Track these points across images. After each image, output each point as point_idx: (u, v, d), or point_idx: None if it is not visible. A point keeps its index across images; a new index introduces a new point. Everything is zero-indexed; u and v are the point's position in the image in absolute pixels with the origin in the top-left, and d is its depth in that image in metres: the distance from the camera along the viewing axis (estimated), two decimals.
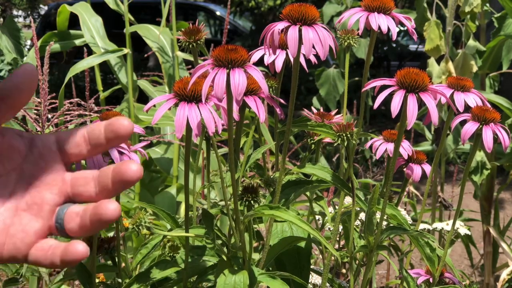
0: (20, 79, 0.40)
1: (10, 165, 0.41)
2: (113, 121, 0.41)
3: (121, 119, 0.41)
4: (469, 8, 1.62)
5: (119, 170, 0.40)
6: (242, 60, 0.56)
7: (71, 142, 0.42)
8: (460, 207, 0.79)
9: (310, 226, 0.63)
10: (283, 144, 0.70)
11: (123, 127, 0.41)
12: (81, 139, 0.42)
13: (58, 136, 0.43)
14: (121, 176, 0.40)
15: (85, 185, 0.42)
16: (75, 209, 0.41)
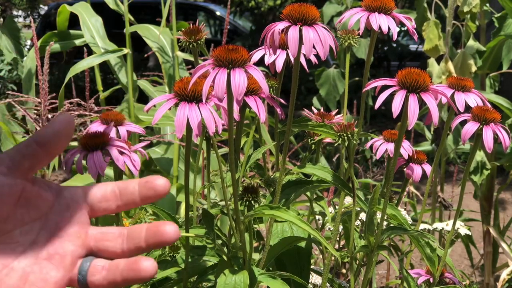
0: (59, 126, 0.40)
1: (36, 214, 0.41)
2: (150, 180, 0.42)
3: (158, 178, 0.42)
4: (467, 8, 1.62)
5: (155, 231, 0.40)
6: (243, 60, 0.56)
7: (100, 197, 0.43)
8: (460, 207, 0.79)
9: (310, 226, 0.63)
10: (283, 144, 0.70)
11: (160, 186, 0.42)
12: (111, 195, 0.43)
13: (86, 190, 0.43)
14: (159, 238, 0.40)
15: (112, 240, 0.42)
16: (99, 263, 0.42)
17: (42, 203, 0.42)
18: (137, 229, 0.42)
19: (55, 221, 0.42)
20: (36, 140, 0.40)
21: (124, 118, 0.74)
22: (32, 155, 0.40)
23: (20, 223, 0.41)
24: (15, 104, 1.23)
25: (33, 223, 0.41)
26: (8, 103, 1.30)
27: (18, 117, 1.73)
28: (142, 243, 0.41)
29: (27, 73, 1.80)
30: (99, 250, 0.42)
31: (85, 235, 0.42)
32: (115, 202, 0.43)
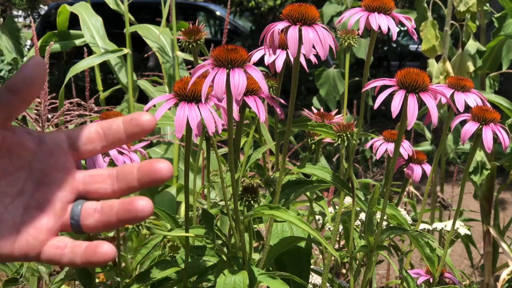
0: (30, 71, 0.40)
1: (19, 163, 0.41)
2: (135, 116, 0.41)
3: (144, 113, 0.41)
4: (464, 7, 1.62)
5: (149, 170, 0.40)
6: (242, 60, 0.56)
7: (84, 139, 0.42)
8: (460, 207, 0.79)
9: (310, 227, 0.63)
10: (283, 144, 0.70)
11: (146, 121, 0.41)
12: (95, 135, 0.42)
13: (69, 134, 0.42)
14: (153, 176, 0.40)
15: (102, 182, 0.41)
16: (91, 205, 0.41)
17: (25, 152, 0.41)
18: (127, 169, 0.41)
19: (40, 168, 0.41)
20: (9, 88, 0.39)
21: None
22: (6, 104, 0.39)
23: (4, 173, 0.41)
24: None
25: (18, 173, 0.41)
26: None
27: (18, 117, 1.73)
28: (135, 182, 0.40)
29: None
30: (89, 193, 0.42)
31: (73, 180, 0.42)
32: (100, 142, 0.42)
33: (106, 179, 0.41)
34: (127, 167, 0.41)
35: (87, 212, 0.41)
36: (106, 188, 0.41)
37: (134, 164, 0.41)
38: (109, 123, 0.42)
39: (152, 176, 0.40)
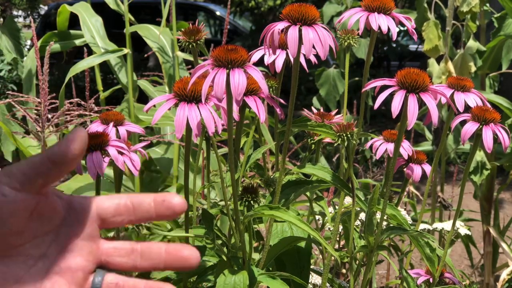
0: (74, 145, 0.40)
1: (48, 227, 0.41)
2: (167, 199, 0.41)
3: (174, 197, 0.41)
4: (467, 8, 1.62)
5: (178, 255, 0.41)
6: (242, 60, 0.56)
7: (113, 211, 0.42)
8: (460, 207, 0.79)
9: (309, 227, 0.63)
10: (283, 144, 0.70)
11: (178, 206, 0.41)
12: (124, 209, 0.42)
13: (98, 203, 0.42)
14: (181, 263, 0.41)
15: (125, 256, 0.42)
16: (113, 280, 0.42)
17: (55, 216, 0.41)
18: (155, 250, 0.41)
19: (66, 234, 0.42)
20: (51, 159, 0.39)
21: (124, 118, 0.74)
22: (46, 173, 0.39)
23: (33, 236, 0.41)
24: (15, 104, 1.23)
25: (45, 236, 0.41)
26: (8, 103, 1.30)
27: (18, 117, 1.73)
28: (161, 264, 0.41)
29: (27, 73, 1.80)
30: (110, 264, 0.42)
31: (97, 249, 0.42)
32: (128, 217, 0.42)
33: (129, 254, 0.42)
34: (154, 247, 0.41)
35: (108, 286, 0.41)
36: (128, 263, 0.42)
37: (161, 245, 0.41)
38: (140, 199, 0.42)
39: (180, 263, 0.41)
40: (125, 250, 0.42)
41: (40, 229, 0.41)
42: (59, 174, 0.40)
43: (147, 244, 0.42)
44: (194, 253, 0.40)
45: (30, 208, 0.40)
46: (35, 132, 1.14)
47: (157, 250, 0.41)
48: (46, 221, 0.41)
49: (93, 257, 0.42)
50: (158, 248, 0.41)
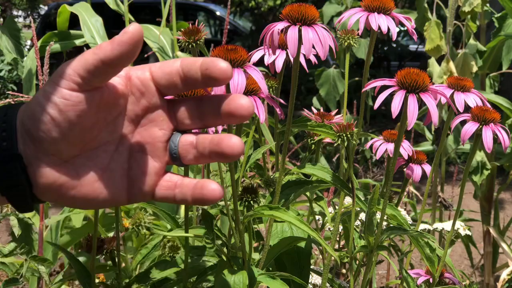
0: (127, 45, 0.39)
1: (116, 110, 0.41)
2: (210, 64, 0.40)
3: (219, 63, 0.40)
4: (469, 8, 1.62)
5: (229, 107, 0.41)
6: (242, 60, 0.56)
7: (167, 81, 0.42)
8: (460, 207, 0.79)
9: (309, 227, 0.63)
10: (283, 144, 0.70)
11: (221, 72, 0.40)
12: (177, 77, 0.41)
13: (153, 74, 0.42)
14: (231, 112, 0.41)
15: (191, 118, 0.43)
16: (188, 139, 0.42)
17: (119, 99, 0.41)
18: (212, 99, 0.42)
19: (134, 111, 0.42)
20: (104, 62, 0.39)
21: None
22: (101, 73, 0.39)
23: (104, 124, 0.41)
24: None
25: (117, 120, 0.41)
26: (8, 103, 1.30)
27: None
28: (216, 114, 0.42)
29: (27, 73, 1.80)
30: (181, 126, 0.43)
31: (167, 116, 0.43)
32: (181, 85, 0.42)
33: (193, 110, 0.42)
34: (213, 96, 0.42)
35: (185, 148, 0.42)
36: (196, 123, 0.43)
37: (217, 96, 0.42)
38: (190, 64, 0.41)
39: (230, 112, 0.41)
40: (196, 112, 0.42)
41: (109, 115, 0.41)
42: (115, 72, 0.40)
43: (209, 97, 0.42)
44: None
45: (93, 104, 0.39)
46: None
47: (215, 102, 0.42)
48: (112, 106, 0.41)
49: (166, 124, 0.42)
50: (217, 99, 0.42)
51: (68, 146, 0.39)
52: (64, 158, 0.40)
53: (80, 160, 0.40)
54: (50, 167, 0.39)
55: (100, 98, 0.40)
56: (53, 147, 0.39)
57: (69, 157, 0.40)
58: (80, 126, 0.39)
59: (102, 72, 0.39)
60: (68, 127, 0.39)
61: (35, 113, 0.39)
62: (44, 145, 0.39)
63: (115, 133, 0.41)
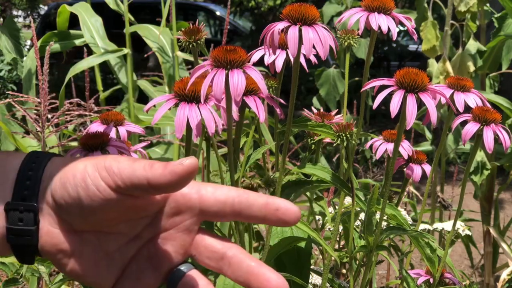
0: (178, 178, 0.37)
1: (143, 215, 0.41)
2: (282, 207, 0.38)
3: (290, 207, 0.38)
4: (465, 7, 1.62)
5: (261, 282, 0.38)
6: (241, 61, 0.56)
7: (216, 211, 0.40)
8: (460, 207, 0.79)
9: (309, 227, 0.63)
10: (283, 144, 0.70)
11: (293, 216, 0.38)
12: (229, 210, 0.39)
13: (202, 198, 0.40)
14: None
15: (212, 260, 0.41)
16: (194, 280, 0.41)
17: (151, 206, 0.40)
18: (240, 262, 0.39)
19: (162, 223, 0.41)
20: (150, 183, 0.37)
21: (124, 118, 0.74)
22: (144, 190, 0.38)
23: (127, 220, 0.40)
24: (15, 104, 1.24)
25: (140, 220, 0.41)
26: (8, 103, 1.30)
27: (18, 117, 1.74)
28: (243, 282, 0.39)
29: (27, 73, 1.80)
30: (198, 261, 0.41)
31: (190, 243, 0.41)
32: (232, 217, 0.40)
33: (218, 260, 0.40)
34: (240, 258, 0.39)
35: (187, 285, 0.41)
36: (215, 267, 0.41)
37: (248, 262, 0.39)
38: (250, 203, 0.39)
39: None
40: (216, 255, 0.40)
41: (135, 216, 0.40)
42: (158, 194, 0.39)
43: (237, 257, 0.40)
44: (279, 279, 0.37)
45: (123, 205, 0.39)
46: (35, 132, 1.14)
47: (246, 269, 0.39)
48: (142, 210, 0.40)
49: (184, 250, 0.41)
50: (247, 266, 0.39)
51: (83, 223, 0.39)
52: (76, 228, 0.40)
53: (89, 236, 0.40)
54: (58, 230, 0.39)
55: (132, 202, 0.39)
56: (69, 217, 0.39)
57: (80, 229, 0.40)
58: (101, 216, 0.39)
59: (145, 189, 0.38)
60: (90, 212, 0.38)
61: (66, 183, 0.38)
62: (62, 211, 0.39)
63: (134, 230, 0.41)
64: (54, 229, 0.39)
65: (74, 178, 0.38)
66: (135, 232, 0.41)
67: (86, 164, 0.39)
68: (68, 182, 0.38)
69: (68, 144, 1.28)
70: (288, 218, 0.38)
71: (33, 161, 0.40)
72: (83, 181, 0.38)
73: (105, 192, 0.38)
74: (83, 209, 0.38)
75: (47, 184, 0.39)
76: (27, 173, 0.39)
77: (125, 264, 0.41)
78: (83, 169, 0.38)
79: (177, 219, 0.41)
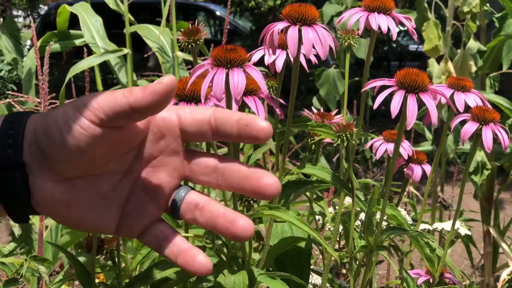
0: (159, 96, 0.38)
1: (130, 145, 0.41)
2: (252, 122, 0.38)
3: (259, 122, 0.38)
4: (467, 8, 1.62)
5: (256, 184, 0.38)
6: (241, 60, 0.55)
7: (195, 130, 0.40)
8: (460, 207, 0.79)
9: (309, 227, 0.63)
10: (283, 144, 0.70)
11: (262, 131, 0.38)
12: (207, 127, 0.40)
13: (181, 119, 0.40)
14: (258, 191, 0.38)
15: (207, 175, 0.41)
16: (195, 199, 0.41)
17: (137, 137, 0.40)
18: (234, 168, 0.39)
19: (149, 150, 0.41)
20: (132, 107, 0.38)
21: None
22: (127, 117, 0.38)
23: (115, 155, 0.40)
24: (15, 104, 1.24)
25: (127, 153, 0.41)
26: (8, 103, 1.30)
27: None
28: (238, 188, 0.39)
29: (27, 73, 1.80)
30: (193, 181, 0.42)
31: (181, 165, 0.41)
32: (211, 135, 0.40)
33: (211, 172, 0.40)
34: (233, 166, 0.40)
35: (188, 207, 0.41)
36: (210, 181, 0.41)
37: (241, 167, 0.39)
38: (225, 118, 0.39)
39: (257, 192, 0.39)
40: (208, 169, 0.41)
41: (122, 149, 0.40)
42: (141, 119, 0.39)
43: (228, 164, 0.40)
44: (275, 182, 0.38)
45: (109, 139, 0.39)
46: None
47: (235, 169, 0.39)
48: (127, 142, 0.40)
49: (177, 173, 0.41)
50: (237, 167, 0.39)
51: (73, 168, 0.39)
52: (67, 176, 0.40)
53: (82, 182, 0.40)
54: (51, 181, 0.39)
55: (117, 135, 0.39)
56: (58, 165, 0.39)
57: (71, 176, 0.40)
58: (89, 155, 0.39)
59: (128, 116, 0.38)
60: (77, 153, 0.38)
61: (50, 130, 0.38)
62: (50, 161, 0.39)
63: (123, 165, 0.41)
64: (45, 182, 0.39)
65: (57, 123, 0.38)
66: (125, 167, 0.41)
67: (65, 108, 0.39)
68: (51, 129, 0.38)
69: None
70: (257, 133, 0.38)
71: (13, 120, 0.40)
72: (66, 123, 0.38)
73: (90, 129, 0.38)
74: (70, 152, 0.38)
75: (30, 139, 0.39)
76: (8, 132, 0.39)
77: (123, 202, 0.41)
78: (63, 113, 0.38)
79: (162, 144, 0.41)
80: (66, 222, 0.41)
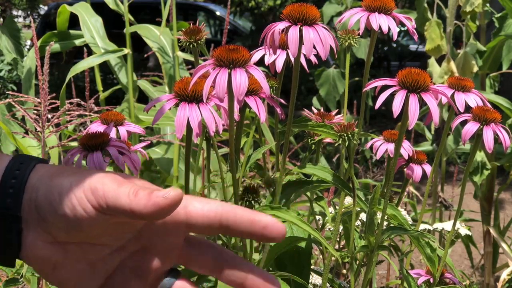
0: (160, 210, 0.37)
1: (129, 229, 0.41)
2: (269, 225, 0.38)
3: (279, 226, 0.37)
4: (470, 8, 1.62)
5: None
6: (244, 60, 0.55)
7: (202, 228, 0.39)
8: (460, 207, 0.79)
9: (310, 227, 0.63)
10: (283, 144, 0.69)
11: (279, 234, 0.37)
12: (216, 224, 0.39)
13: (189, 214, 0.39)
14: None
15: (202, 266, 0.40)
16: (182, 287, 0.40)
17: (136, 223, 0.40)
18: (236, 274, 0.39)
19: (148, 235, 0.41)
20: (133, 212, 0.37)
21: (124, 118, 0.74)
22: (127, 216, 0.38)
23: (111, 234, 0.40)
24: (15, 104, 1.24)
25: (124, 234, 0.41)
26: (8, 103, 1.30)
27: (18, 117, 1.73)
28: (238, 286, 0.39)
29: (27, 73, 1.80)
30: (187, 266, 0.41)
31: (177, 255, 0.41)
32: (217, 230, 0.39)
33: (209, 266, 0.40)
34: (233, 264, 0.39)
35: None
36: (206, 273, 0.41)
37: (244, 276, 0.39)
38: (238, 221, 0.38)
39: None
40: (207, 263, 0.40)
41: (120, 231, 0.40)
42: (141, 222, 0.40)
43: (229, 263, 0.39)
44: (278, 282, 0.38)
45: (109, 223, 0.39)
46: (35, 132, 1.14)
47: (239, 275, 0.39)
48: (127, 227, 0.40)
49: (170, 261, 0.41)
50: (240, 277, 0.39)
51: (67, 237, 0.39)
52: (59, 240, 0.40)
53: (73, 247, 0.40)
54: (43, 241, 0.39)
55: (118, 220, 0.39)
56: (54, 231, 0.39)
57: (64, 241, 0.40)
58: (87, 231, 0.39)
59: (128, 216, 0.38)
60: (77, 228, 0.38)
61: (53, 202, 0.38)
62: (47, 225, 0.39)
63: (118, 242, 0.41)
64: (37, 241, 0.39)
65: (60, 197, 0.38)
66: (119, 244, 0.41)
67: (71, 182, 0.38)
68: (55, 201, 0.38)
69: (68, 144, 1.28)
70: (274, 235, 0.38)
71: (17, 168, 0.39)
72: (70, 201, 0.38)
73: (92, 213, 0.38)
74: (69, 226, 0.38)
75: (31, 195, 0.39)
76: (10, 181, 0.39)
77: (109, 273, 0.41)
78: (68, 188, 0.38)
79: (163, 234, 0.41)
80: (47, 279, 0.41)
